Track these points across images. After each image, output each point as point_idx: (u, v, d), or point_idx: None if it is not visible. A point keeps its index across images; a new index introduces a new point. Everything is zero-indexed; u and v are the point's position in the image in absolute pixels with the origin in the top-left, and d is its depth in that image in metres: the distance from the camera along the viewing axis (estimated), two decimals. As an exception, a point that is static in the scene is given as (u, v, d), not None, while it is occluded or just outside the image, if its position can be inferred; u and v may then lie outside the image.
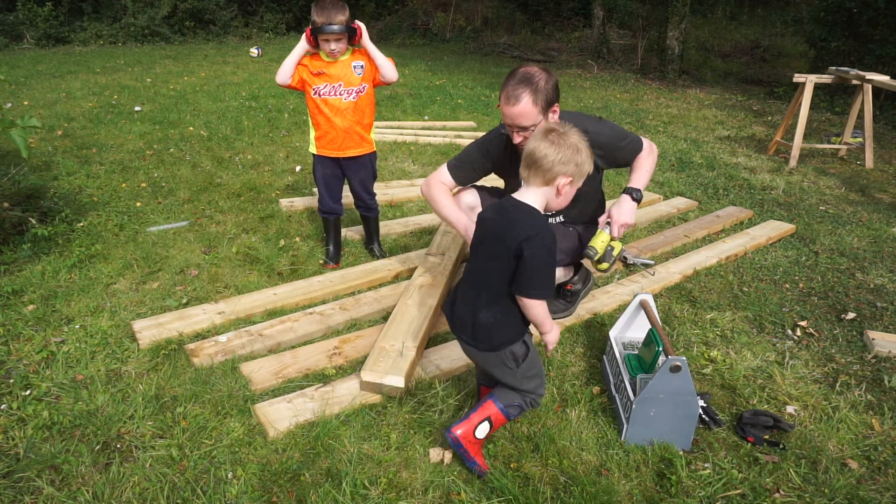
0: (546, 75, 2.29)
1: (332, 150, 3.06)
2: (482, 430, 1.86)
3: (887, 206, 4.72)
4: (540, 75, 2.28)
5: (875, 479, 1.98)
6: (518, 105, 2.25)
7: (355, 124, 3.03)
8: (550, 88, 2.29)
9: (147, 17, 12.46)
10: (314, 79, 2.93)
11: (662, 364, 1.94)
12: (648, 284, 3.15)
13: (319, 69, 2.93)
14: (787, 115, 6.01)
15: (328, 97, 2.95)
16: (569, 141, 1.71)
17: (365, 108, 3.05)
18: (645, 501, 1.85)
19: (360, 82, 2.98)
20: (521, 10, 15.21)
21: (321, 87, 2.94)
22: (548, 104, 2.30)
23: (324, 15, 2.76)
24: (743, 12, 15.51)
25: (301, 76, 2.95)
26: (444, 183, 2.64)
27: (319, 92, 2.94)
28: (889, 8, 8.29)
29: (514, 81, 2.26)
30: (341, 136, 3.02)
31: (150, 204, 4.02)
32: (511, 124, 2.33)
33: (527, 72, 2.28)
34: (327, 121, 2.99)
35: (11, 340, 2.50)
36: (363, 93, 3.00)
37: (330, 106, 2.97)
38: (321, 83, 2.94)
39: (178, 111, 6.53)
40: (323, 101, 2.96)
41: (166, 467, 1.87)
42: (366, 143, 3.11)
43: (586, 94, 8.94)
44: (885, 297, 3.23)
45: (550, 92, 2.29)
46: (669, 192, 4.81)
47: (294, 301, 2.87)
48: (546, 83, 2.27)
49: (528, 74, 2.28)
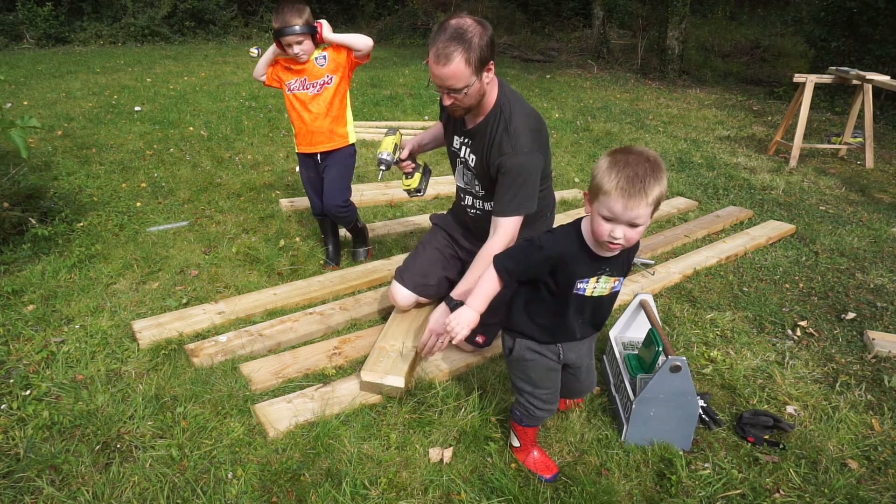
0: (480, 29, 2.02)
1: (306, 145, 3.05)
2: (514, 438, 1.95)
3: (887, 206, 4.72)
4: (474, 29, 2.00)
5: (875, 479, 1.98)
6: (449, 65, 1.99)
7: (321, 117, 2.98)
8: (485, 45, 2.01)
9: (147, 17, 12.45)
10: (287, 75, 2.94)
11: (662, 364, 1.94)
12: (648, 284, 3.15)
13: (289, 65, 2.93)
14: (787, 115, 6.00)
15: (297, 92, 2.95)
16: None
17: (332, 100, 2.99)
18: (645, 501, 1.84)
19: (325, 73, 2.92)
20: (521, 10, 15.21)
21: (292, 83, 2.94)
22: (482, 63, 2.03)
23: (279, 19, 2.73)
24: (743, 12, 15.50)
25: (277, 74, 2.96)
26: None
27: (290, 87, 2.95)
28: (889, 8, 8.29)
29: (445, 37, 1.99)
30: (311, 130, 3.00)
31: (150, 204, 4.02)
32: (441, 85, 2.08)
33: (459, 25, 1.99)
34: (298, 117, 2.99)
35: (11, 340, 2.49)
36: (329, 84, 2.95)
37: (299, 100, 2.97)
38: (291, 78, 2.94)
39: (178, 111, 6.53)
40: (294, 97, 2.97)
41: (166, 467, 1.87)
42: (337, 136, 3.05)
43: (586, 94, 8.94)
44: (885, 297, 3.23)
45: (485, 49, 2.01)
46: (669, 192, 4.81)
47: (294, 301, 2.87)
48: (480, 38, 2.00)
49: (460, 29, 1.99)
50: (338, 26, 15.44)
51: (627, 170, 1.43)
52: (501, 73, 10.43)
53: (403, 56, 11.78)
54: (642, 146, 1.51)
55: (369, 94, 7.93)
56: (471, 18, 2.04)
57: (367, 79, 9.08)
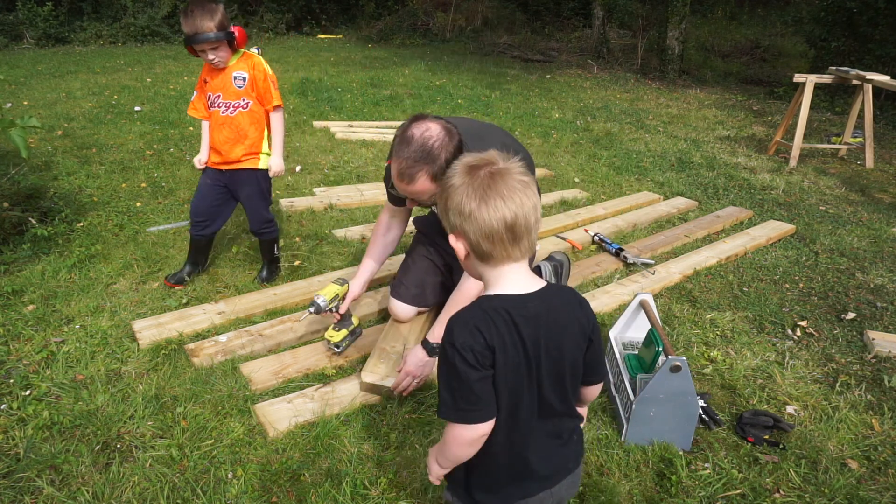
0: (446, 139, 1.88)
1: (215, 161, 2.80)
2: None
3: (887, 206, 4.72)
4: (439, 143, 1.87)
5: (875, 479, 1.98)
6: (414, 185, 1.92)
7: (231, 143, 2.71)
8: (451, 156, 1.88)
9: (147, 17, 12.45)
10: (209, 86, 2.70)
11: (662, 364, 1.94)
12: (648, 284, 3.15)
13: (205, 76, 2.69)
14: (787, 115, 6.00)
15: (212, 108, 2.71)
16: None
17: (246, 127, 2.71)
18: (645, 501, 1.84)
19: (241, 96, 2.66)
20: (521, 10, 15.21)
21: (211, 95, 2.70)
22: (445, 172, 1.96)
23: (189, 24, 2.45)
24: (743, 12, 15.51)
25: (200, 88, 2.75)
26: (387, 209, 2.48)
27: (210, 99, 2.71)
28: (889, 8, 8.29)
29: (409, 153, 1.86)
30: (220, 151, 2.76)
31: (150, 204, 4.02)
32: (404, 195, 2.06)
33: (424, 140, 1.86)
34: (213, 132, 2.76)
35: (11, 340, 2.49)
36: (245, 109, 2.68)
37: (214, 117, 2.72)
38: (210, 90, 2.70)
39: (178, 111, 6.52)
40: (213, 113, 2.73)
41: (166, 467, 1.87)
42: (248, 161, 2.79)
43: (586, 94, 8.93)
44: (885, 297, 3.22)
45: (451, 159, 1.86)
46: (669, 192, 4.81)
47: (294, 301, 2.87)
48: (446, 151, 1.88)
49: (425, 146, 1.86)
50: (338, 26, 15.48)
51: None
52: (502, 73, 10.43)
53: (403, 56, 11.78)
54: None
55: (369, 94, 7.93)
56: (437, 125, 1.90)
57: (367, 79, 9.08)
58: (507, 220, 1.08)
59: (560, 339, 1.14)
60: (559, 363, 1.15)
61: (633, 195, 4.65)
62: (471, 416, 1.10)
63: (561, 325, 1.14)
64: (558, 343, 1.14)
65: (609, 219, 4.13)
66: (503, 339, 1.08)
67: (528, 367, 1.12)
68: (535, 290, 1.14)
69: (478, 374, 1.08)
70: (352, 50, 12.47)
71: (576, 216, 4.10)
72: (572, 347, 1.16)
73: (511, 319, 1.09)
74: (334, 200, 4.14)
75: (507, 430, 1.15)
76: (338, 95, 7.75)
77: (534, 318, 1.11)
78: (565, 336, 1.14)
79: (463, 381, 1.08)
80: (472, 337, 1.07)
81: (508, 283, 1.13)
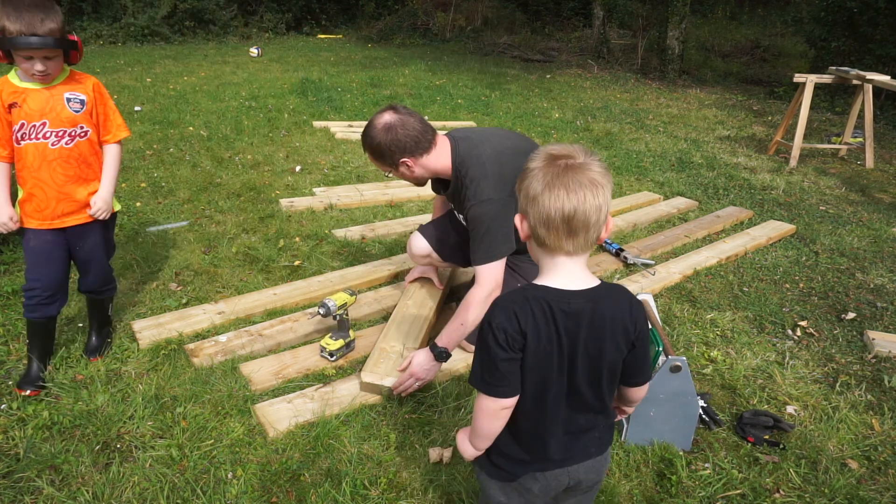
0: (392, 127, 2.19)
1: (42, 217, 2.14)
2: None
3: (887, 206, 4.72)
4: (374, 132, 2.21)
5: (875, 479, 1.98)
6: (366, 155, 2.33)
7: (76, 184, 2.14)
8: (385, 147, 2.21)
9: (147, 17, 12.44)
10: (16, 111, 2.00)
11: (662, 364, 1.94)
12: (648, 284, 3.15)
13: (12, 99, 1.98)
14: (787, 115, 6.00)
15: (33, 140, 2.03)
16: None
17: (90, 161, 2.17)
18: (645, 501, 1.84)
19: (78, 123, 2.09)
20: (521, 10, 15.21)
21: (26, 125, 2.02)
22: (387, 159, 2.24)
23: (20, 20, 1.85)
24: (743, 12, 15.51)
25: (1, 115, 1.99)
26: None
27: (23, 132, 2.03)
28: (889, 8, 8.29)
29: (363, 132, 2.27)
30: (53, 198, 2.12)
31: (150, 204, 4.02)
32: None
33: (371, 125, 2.23)
34: (32, 175, 2.07)
35: (11, 340, 2.49)
36: (84, 139, 2.12)
37: (38, 152, 2.05)
38: (24, 118, 2.01)
39: (178, 111, 6.53)
40: (31, 148, 2.04)
41: (166, 467, 1.87)
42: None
43: (586, 94, 8.93)
44: (885, 297, 3.22)
45: (390, 146, 2.20)
46: (669, 192, 4.81)
47: (294, 301, 2.87)
48: (385, 137, 2.20)
49: (366, 131, 2.24)
50: (338, 26, 15.48)
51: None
52: (502, 73, 10.43)
53: (403, 56, 11.78)
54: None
55: (369, 94, 7.93)
56: (393, 114, 2.21)
57: (367, 79, 9.08)
58: (565, 212, 1.10)
59: (601, 339, 1.16)
60: (597, 361, 1.18)
61: (633, 195, 4.65)
62: (494, 390, 1.17)
63: (604, 327, 1.16)
64: (599, 343, 1.16)
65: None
66: (538, 327, 1.13)
67: (560, 358, 1.16)
68: (585, 287, 1.16)
69: (505, 355, 1.13)
70: (352, 50, 12.47)
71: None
72: (612, 350, 1.18)
73: (551, 311, 1.13)
74: (334, 200, 4.14)
75: (531, 413, 1.21)
76: (338, 95, 7.75)
77: (575, 315, 1.14)
78: (606, 337, 1.16)
79: (491, 358, 1.14)
80: (508, 320, 1.12)
81: (560, 274, 1.16)
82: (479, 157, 2.22)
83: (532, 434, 1.23)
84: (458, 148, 2.26)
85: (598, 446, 1.29)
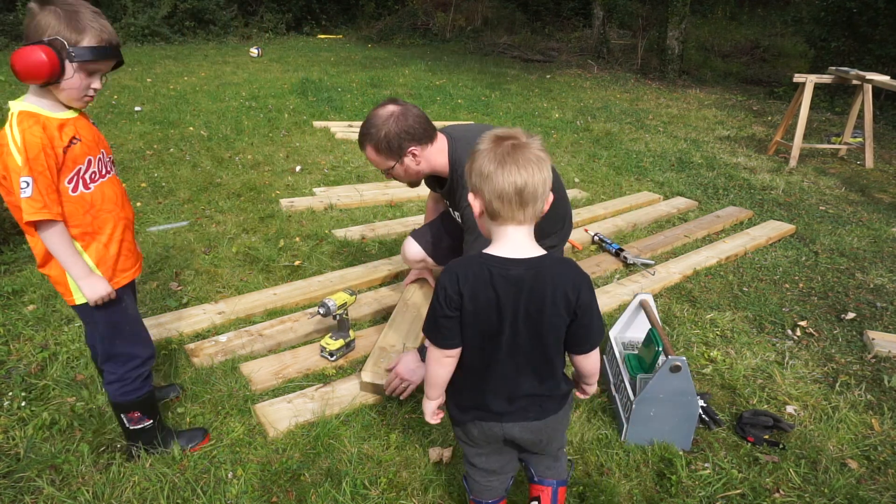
0: (396, 117, 2.11)
1: (137, 268, 1.83)
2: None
3: (887, 206, 4.72)
4: (387, 119, 2.11)
5: (875, 479, 1.98)
6: (365, 152, 2.22)
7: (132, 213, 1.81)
8: (396, 133, 2.12)
9: (147, 17, 12.44)
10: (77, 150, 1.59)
11: (662, 364, 1.94)
12: (648, 284, 3.15)
13: (70, 133, 1.58)
14: (787, 115, 6.01)
15: (102, 180, 1.68)
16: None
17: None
18: (645, 501, 1.85)
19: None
20: (521, 10, 15.21)
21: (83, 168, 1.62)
22: (392, 150, 2.15)
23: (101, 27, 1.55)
24: (743, 12, 15.50)
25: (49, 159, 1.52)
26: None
27: (82, 177, 1.62)
28: (889, 8, 8.29)
29: (363, 126, 2.17)
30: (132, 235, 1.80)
31: (150, 204, 4.02)
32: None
33: (374, 115, 2.14)
34: (116, 217, 1.71)
35: (11, 340, 2.49)
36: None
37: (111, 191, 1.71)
38: (82, 158, 1.61)
39: (178, 111, 6.53)
40: (96, 192, 1.66)
41: (166, 467, 1.87)
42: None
43: (586, 94, 8.93)
44: (885, 297, 3.23)
45: (396, 137, 2.12)
46: (669, 192, 4.81)
47: (294, 301, 2.87)
48: (392, 128, 2.11)
49: (372, 119, 2.14)
50: (338, 26, 15.48)
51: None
52: (502, 73, 10.43)
53: (403, 56, 11.78)
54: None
55: (369, 94, 7.93)
56: (394, 105, 2.14)
57: (367, 79, 9.08)
58: (517, 185, 1.23)
59: (541, 304, 1.29)
60: (539, 326, 1.31)
61: (633, 195, 4.65)
62: (438, 340, 1.35)
63: (544, 294, 1.28)
64: (539, 308, 1.29)
65: (609, 219, 4.13)
66: (476, 289, 1.28)
67: (499, 319, 1.30)
68: (528, 256, 1.29)
69: (443, 312, 1.30)
70: (352, 50, 12.47)
71: (576, 216, 4.09)
72: (553, 316, 1.30)
73: (490, 276, 1.28)
74: (334, 200, 4.14)
75: (474, 367, 1.38)
76: (338, 95, 7.75)
77: (515, 281, 1.28)
78: (546, 304, 1.29)
79: (436, 313, 1.32)
80: (450, 281, 1.29)
81: (507, 244, 1.29)
82: None
83: (474, 387, 1.40)
84: (456, 146, 2.26)
85: (537, 412, 1.41)
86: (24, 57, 1.46)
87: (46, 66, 1.47)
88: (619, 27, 13.64)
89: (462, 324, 1.31)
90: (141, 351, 1.81)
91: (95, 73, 1.59)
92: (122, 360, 1.77)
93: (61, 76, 1.51)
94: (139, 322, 1.83)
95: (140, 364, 1.80)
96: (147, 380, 1.83)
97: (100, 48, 1.55)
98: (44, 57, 1.46)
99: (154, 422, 1.88)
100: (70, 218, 1.61)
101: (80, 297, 1.67)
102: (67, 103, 1.60)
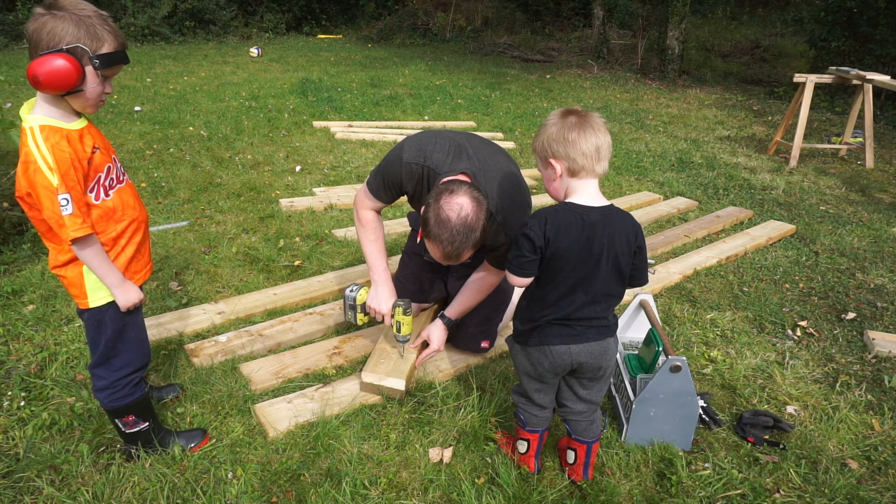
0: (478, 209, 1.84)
1: (147, 271, 1.85)
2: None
3: (887, 206, 4.72)
4: (475, 216, 1.83)
5: (875, 479, 1.98)
6: (461, 259, 1.95)
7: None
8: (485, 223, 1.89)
9: (147, 17, 12.44)
10: (100, 156, 1.60)
11: (662, 364, 1.94)
12: (648, 284, 3.15)
13: (91, 142, 1.59)
14: (787, 114, 6.00)
15: (119, 186, 1.69)
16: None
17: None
18: (645, 501, 1.84)
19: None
20: (521, 10, 15.20)
21: (102, 176, 1.62)
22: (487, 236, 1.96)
23: (114, 31, 1.53)
24: (743, 12, 15.50)
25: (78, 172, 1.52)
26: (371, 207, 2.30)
27: (102, 185, 1.62)
28: (889, 8, 8.29)
29: (452, 236, 1.83)
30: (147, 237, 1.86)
31: (150, 204, 4.02)
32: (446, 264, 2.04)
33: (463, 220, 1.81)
34: (134, 218, 1.73)
35: (11, 340, 2.49)
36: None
37: (127, 195, 1.72)
38: (103, 166, 1.62)
39: (178, 111, 6.53)
40: (115, 198, 1.66)
41: (166, 467, 1.87)
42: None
43: (586, 94, 8.93)
44: (885, 297, 3.22)
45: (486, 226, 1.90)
46: (669, 192, 4.81)
47: (294, 301, 2.87)
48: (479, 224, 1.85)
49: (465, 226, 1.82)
50: (338, 26, 15.48)
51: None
52: (502, 73, 10.43)
53: (403, 56, 11.78)
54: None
55: (369, 94, 7.93)
56: (467, 197, 1.83)
57: (367, 79, 9.08)
58: (596, 145, 1.56)
59: (613, 241, 1.60)
60: (614, 262, 1.61)
61: (633, 195, 4.65)
62: (513, 269, 1.64)
63: (613, 235, 1.60)
64: (612, 246, 1.60)
65: (609, 219, 4.12)
66: (569, 228, 1.57)
67: (582, 254, 1.59)
68: (601, 205, 1.61)
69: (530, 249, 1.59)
70: (352, 50, 12.47)
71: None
72: (622, 255, 1.61)
73: (575, 219, 1.58)
74: (334, 200, 4.14)
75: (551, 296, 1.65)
76: (338, 95, 7.75)
77: (592, 224, 1.58)
78: (616, 242, 1.60)
79: (519, 250, 1.61)
80: (539, 225, 1.57)
81: (585, 194, 1.60)
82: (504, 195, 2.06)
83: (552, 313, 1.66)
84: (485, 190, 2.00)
85: (595, 335, 1.68)
86: (46, 66, 1.42)
87: (74, 74, 1.44)
88: (619, 27, 13.63)
89: (546, 258, 1.60)
90: (138, 359, 1.80)
91: (108, 77, 1.57)
92: (115, 366, 1.75)
93: (84, 84, 1.49)
94: (143, 329, 1.83)
95: (132, 371, 1.79)
96: (138, 385, 1.81)
97: (118, 53, 1.53)
98: (69, 66, 1.43)
99: (150, 424, 1.87)
100: (96, 226, 1.61)
101: (94, 300, 1.67)
102: (82, 110, 1.57)
